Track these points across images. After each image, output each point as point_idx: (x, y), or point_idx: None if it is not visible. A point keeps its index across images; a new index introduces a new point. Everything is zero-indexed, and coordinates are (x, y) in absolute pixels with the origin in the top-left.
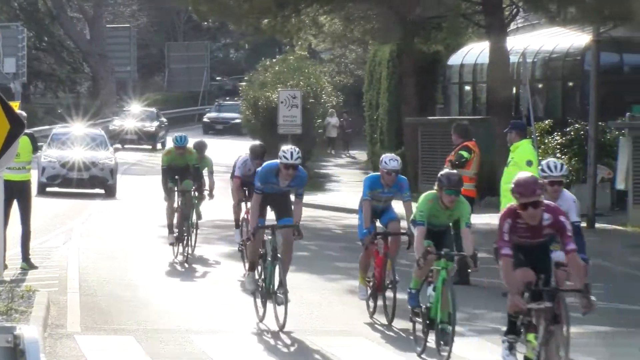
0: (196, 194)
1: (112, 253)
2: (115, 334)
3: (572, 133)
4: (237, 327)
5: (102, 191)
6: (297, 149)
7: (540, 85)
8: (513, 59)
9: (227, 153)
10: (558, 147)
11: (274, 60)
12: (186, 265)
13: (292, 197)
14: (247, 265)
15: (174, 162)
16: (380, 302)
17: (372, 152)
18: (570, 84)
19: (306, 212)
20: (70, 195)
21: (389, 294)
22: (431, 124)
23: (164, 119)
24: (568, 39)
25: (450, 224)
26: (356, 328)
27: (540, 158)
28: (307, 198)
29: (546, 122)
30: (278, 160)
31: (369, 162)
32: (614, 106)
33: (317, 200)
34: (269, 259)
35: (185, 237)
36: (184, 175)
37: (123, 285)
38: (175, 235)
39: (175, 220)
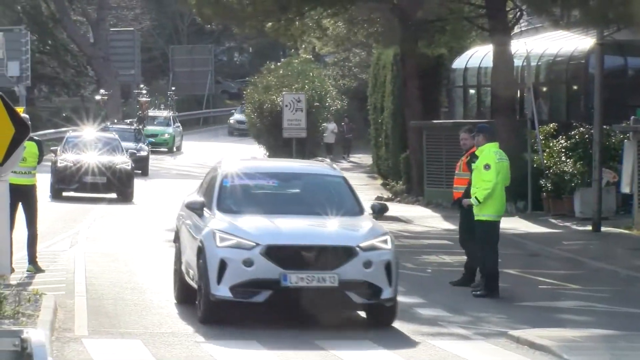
0: None
1: (119, 256)
2: (123, 338)
3: (576, 136)
4: (245, 330)
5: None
6: None
7: (544, 89)
8: (517, 62)
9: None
10: (563, 150)
11: (279, 63)
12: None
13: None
14: None
15: None
16: None
17: (377, 155)
18: (575, 87)
19: None
20: (76, 199)
21: None
22: (436, 127)
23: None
24: (572, 42)
25: None
26: (367, 334)
27: (546, 162)
28: None
29: (550, 125)
30: None
31: (374, 165)
32: (618, 109)
33: None
34: None
35: None
36: None
37: (130, 289)
38: None
39: None
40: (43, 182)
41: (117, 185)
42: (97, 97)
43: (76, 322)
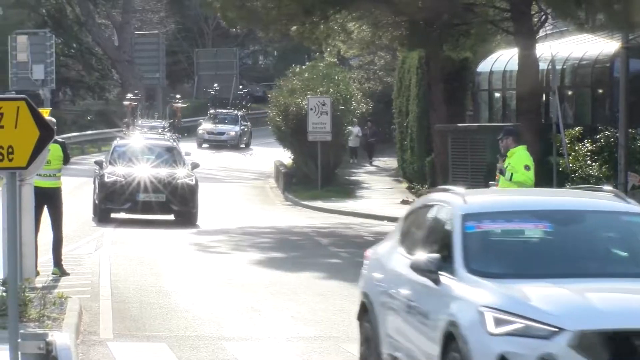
0: None
1: (144, 260)
2: (148, 341)
3: (601, 140)
4: (269, 333)
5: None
6: None
7: (569, 92)
8: (542, 65)
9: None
10: (588, 154)
11: (304, 66)
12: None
13: None
14: None
15: None
16: None
17: (402, 159)
18: (600, 90)
19: (337, 219)
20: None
21: None
22: (461, 130)
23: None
24: (597, 45)
25: None
26: None
27: (571, 165)
28: (338, 205)
29: (576, 129)
30: None
31: (399, 169)
32: None
33: (348, 207)
34: None
35: None
36: None
37: (155, 292)
38: None
39: None
40: (68, 185)
41: (178, 205)
42: (125, 102)
43: (101, 325)
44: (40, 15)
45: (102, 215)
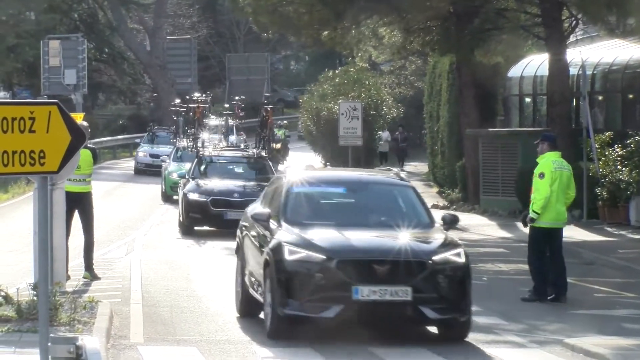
0: None
1: (175, 264)
2: (178, 345)
3: (632, 145)
4: (300, 337)
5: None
6: None
7: (599, 97)
8: (572, 71)
9: None
10: (618, 159)
11: (335, 71)
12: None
13: None
14: None
15: None
16: None
17: (433, 163)
18: (630, 96)
19: None
20: (132, 206)
21: None
22: (491, 135)
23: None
24: (627, 51)
25: None
26: (424, 343)
27: (601, 170)
28: None
29: (606, 134)
30: None
31: (430, 173)
32: None
33: None
34: None
35: None
36: None
37: (185, 296)
38: None
39: None
40: (99, 189)
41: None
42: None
43: (132, 329)
44: (73, 20)
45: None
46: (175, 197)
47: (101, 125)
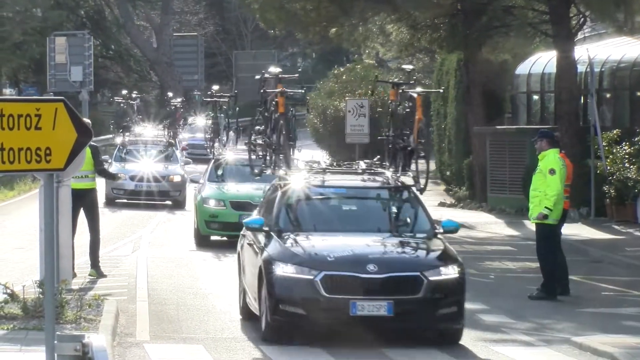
0: None
1: (181, 261)
2: (185, 343)
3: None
4: (307, 336)
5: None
6: None
7: (607, 95)
8: (580, 68)
9: None
10: (626, 156)
11: (342, 69)
12: None
13: None
14: None
15: None
16: None
17: (440, 161)
18: (638, 93)
19: None
20: (138, 205)
21: None
22: (499, 133)
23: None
24: (635, 48)
25: None
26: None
27: (608, 168)
28: None
29: (614, 131)
30: None
31: (437, 171)
32: None
33: None
34: None
35: None
36: None
37: (192, 294)
38: None
39: None
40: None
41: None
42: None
43: (138, 327)
44: (79, 17)
45: (201, 240)
46: (213, 238)
47: (107, 122)
